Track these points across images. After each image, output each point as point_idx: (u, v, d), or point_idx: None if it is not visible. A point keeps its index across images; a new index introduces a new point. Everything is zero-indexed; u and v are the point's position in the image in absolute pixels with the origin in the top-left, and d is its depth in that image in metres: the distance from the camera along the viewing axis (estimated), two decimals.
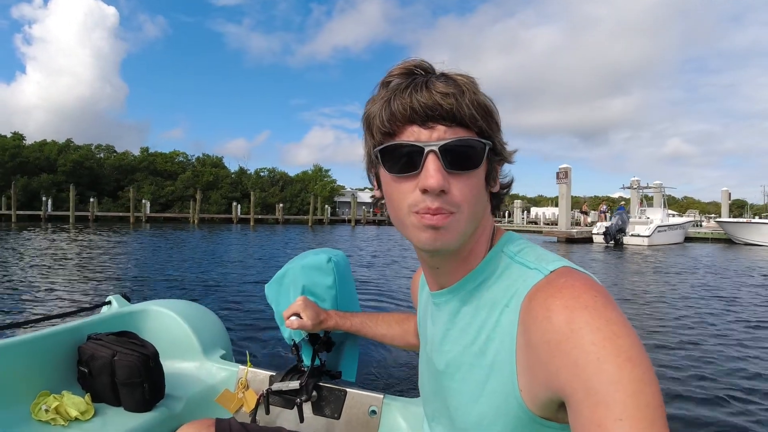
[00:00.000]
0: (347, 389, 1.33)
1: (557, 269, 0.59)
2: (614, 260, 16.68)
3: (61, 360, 1.41)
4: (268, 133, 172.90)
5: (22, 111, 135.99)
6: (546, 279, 0.58)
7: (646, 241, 23.49)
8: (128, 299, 1.80)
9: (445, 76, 0.61)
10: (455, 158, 0.60)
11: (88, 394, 1.36)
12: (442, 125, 0.59)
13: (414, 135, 0.60)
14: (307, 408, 1.32)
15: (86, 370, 1.37)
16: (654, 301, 8.34)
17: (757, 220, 28.59)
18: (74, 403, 1.29)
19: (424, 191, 0.59)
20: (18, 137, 48.56)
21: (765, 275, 12.26)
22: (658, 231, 24.35)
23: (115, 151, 55.73)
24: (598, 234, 24.61)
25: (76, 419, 1.27)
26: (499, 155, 0.66)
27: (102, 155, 53.81)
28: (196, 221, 43.46)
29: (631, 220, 25.06)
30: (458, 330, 0.68)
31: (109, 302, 1.76)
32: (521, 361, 0.56)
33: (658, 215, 26.03)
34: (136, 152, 56.05)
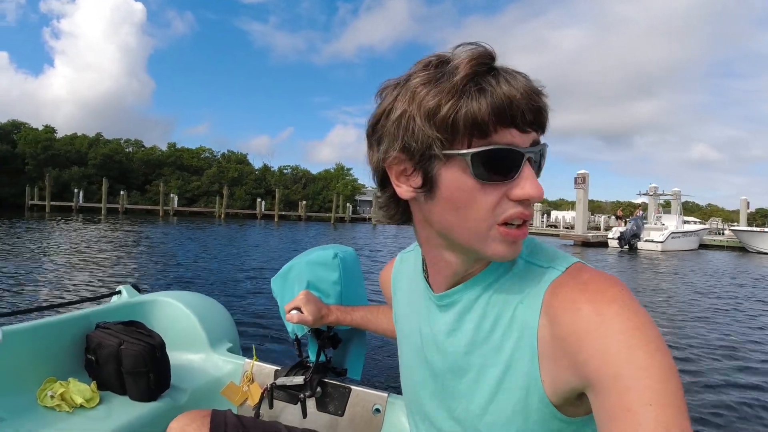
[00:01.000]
0: (352, 386, 1.31)
1: (572, 265, 0.59)
2: (626, 262, 17.74)
3: (69, 347, 1.42)
4: (291, 131, 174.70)
5: (50, 104, 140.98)
6: (566, 275, 0.58)
7: (659, 247, 23.97)
8: (138, 289, 1.82)
9: (525, 76, 0.56)
10: (536, 165, 0.58)
11: (94, 381, 1.37)
12: (532, 129, 0.56)
13: (512, 138, 0.54)
14: (310, 404, 1.30)
15: (93, 358, 1.38)
16: (652, 294, 9.73)
17: None
18: (80, 390, 1.30)
19: (520, 200, 0.56)
20: (50, 130, 50.10)
21: (753, 278, 13.96)
22: (672, 237, 24.77)
23: (143, 146, 57.14)
24: (613, 238, 25.12)
25: (81, 406, 1.28)
26: None
27: (131, 149, 55.19)
28: (222, 216, 44.22)
29: (646, 226, 25.57)
30: (467, 329, 0.65)
31: (119, 292, 1.78)
32: (544, 353, 0.56)
33: (673, 222, 26.54)
34: (163, 147, 57.53)
